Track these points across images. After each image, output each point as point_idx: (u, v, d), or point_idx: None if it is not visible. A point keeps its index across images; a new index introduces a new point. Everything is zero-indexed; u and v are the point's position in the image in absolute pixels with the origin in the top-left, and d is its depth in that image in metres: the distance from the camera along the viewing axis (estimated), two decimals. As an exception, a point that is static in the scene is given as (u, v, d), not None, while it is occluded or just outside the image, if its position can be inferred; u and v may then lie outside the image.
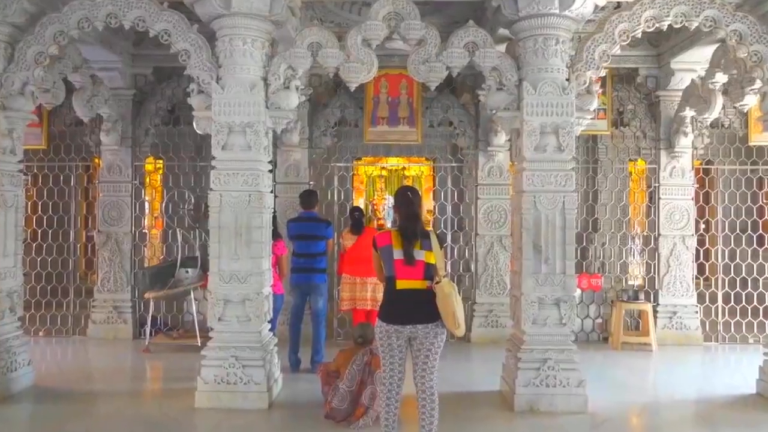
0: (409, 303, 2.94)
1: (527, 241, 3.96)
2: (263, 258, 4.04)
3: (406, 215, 3.02)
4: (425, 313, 2.91)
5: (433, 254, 2.95)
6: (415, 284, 2.94)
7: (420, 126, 6.39)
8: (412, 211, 3.01)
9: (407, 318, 2.93)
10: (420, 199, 3.09)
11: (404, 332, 2.94)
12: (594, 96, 4.11)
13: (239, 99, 3.94)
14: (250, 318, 3.96)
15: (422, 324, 2.92)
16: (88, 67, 5.56)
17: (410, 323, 2.92)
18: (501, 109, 4.12)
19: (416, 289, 2.93)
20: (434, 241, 2.98)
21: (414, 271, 2.95)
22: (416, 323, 2.92)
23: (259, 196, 3.99)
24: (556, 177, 3.96)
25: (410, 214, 3.01)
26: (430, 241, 2.97)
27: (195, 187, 6.85)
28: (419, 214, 3.02)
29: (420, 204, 3.07)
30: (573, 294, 3.96)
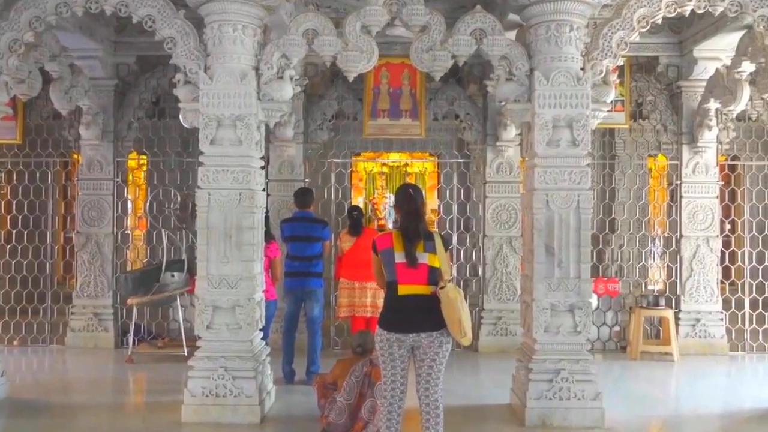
0: (411, 310, 2.94)
1: (539, 243, 3.96)
2: (255, 261, 4.04)
3: (407, 214, 3.01)
4: (429, 321, 2.91)
5: (437, 257, 2.94)
6: (418, 289, 2.94)
7: (423, 119, 6.39)
8: (414, 209, 3.00)
9: (410, 326, 2.93)
10: (423, 198, 3.09)
11: (407, 341, 2.94)
12: (611, 87, 4.10)
13: (229, 90, 3.94)
14: (240, 326, 3.96)
15: (426, 332, 2.91)
16: (66, 56, 5.56)
17: (413, 331, 2.92)
18: (511, 101, 4.11)
19: (419, 295, 2.93)
20: (438, 243, 2.97)
21: (417, 275, 2.95)
22: (419, 331, 2.91)
23: (250, 194, 3.99)
24: (570, 174, 3.96)
25: (411, 213, 3.00)
26: (434, 243, 2.96)
27: (181, 184, 6.86)
28: (422, 212, 3.02)
29: (423, 202, 3.06)
30: (588, 300, 3.96)
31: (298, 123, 6.22)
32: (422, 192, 3.14)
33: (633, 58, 6.22)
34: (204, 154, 4.01)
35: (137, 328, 6.02)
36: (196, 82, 4.02)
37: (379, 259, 3.03)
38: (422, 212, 3.02)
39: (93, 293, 6.23)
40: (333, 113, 6.61)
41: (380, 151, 8.67)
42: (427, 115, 6.51)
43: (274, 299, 4.98)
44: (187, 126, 4.27)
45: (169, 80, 6.05)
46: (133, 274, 6.01)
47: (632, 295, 6.46)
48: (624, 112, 6.35)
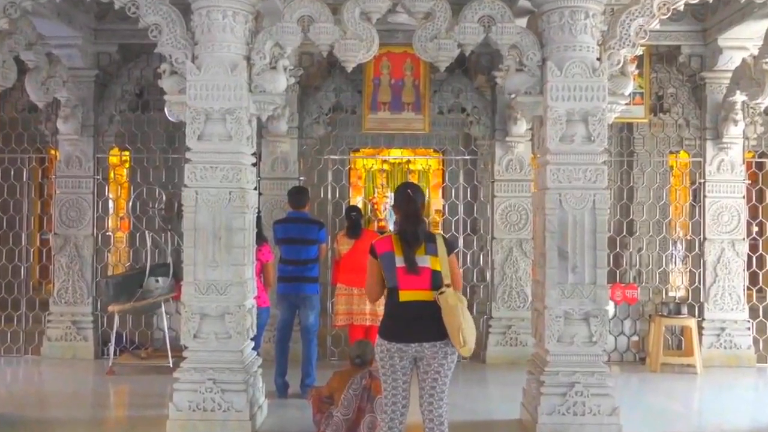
0: (414, 317, 2.94)
1: (551, 246, 3.96)
2: (246, 265, 4.04)
3: (406, 216, 3.01)
4: (433, 330, 2.91)
5: (439, 259, 2.94)
6: (420, 295, 2.94)
7: (427, 112, 6.40)
8: (413, 210, 3.01)
9: (412, 335, 2.93)
10: (423, 197, 3.10)
11: (408, 352, 2.94)
12: (629, 78, 4.11)
13: (218, 81, 3.95)
14: (230, 335, 3.97)
15: (429, 342, 2.91)
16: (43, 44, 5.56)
17: (415, 341, 2.92)
18: (521, 94, 4.12)
19: (422, 302, 2.93)
20: (440, 245, 2.98)
21: (419, 281, 2.95)
22: (422, 341, 2.92)
23: (241, 193, 4.00)
24: (585, 172, 3.96)
25: (411, 215, 3.00)
26: (435, 245, 2.97)
27: (167, 183, 6.87)
28: (421, 213, 3.03)
29: (423, 202, 3.07)
30: (605, 307, 3.96)
31: (292, 117, 6.23)
32: (423, 192, 3.15)
33: (653, 48, 6.22)
34: (191, 150, 4.01)
35: (119, 338, 6.02)
36: (182, 73, 4.02)
37: (378, 264, 3.03)
38: (421, 213, 3.03)
39: (71, 300, 6.23)
40: (330, 106, 6.62)
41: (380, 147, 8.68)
42: (431, 109, 6.51)
43: (266, 306, 4.99)
44: (173, 120, 4.28)
45: (153, 71, 6.05)
46: (114, 279, 6.02)
47: (652, 302, 6.45)
48: (643, 106, 6.36)
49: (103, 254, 6.49)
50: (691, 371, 5.87)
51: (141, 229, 6.47)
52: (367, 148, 8.88)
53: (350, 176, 9.25)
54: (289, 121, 6.18)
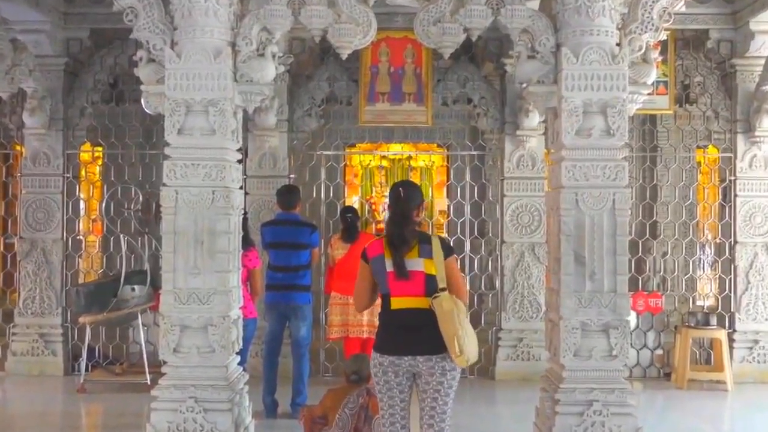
0: (407, 327, 2.93)
1: (567, 251, 3.96)
2: (230, 272, 4.04)
3: (392, 215, 3.03)
4: (428, 341, 2.89)
5: (433, 262, 2.92)
6: (413, 302, 2.93)
7: (430, 104, 6.41)
8: (399, 210, 3.01)
9: (405, 347, 2.92)
10: (420, 197, 3.09)
11: (402, 366, 2.92)
12: (652, 65, 4.11)
13: (200, 69, 3.94)
14: (213, 349, 3.96)
15: (424, 355, 2.89)
16: (7, 29, 5.57)
17: (408, 354, 2.91)
18: (533, 83, 4.11)
19: (416, 309, 2.92)
20: (436, 247, 2.96)
21: (411, 286, 2.94)
22: (415, 354, 2.90)
23: (225, 193, 4.00)
24: (603, 169, 3.96)
25: (396, 214, 3.01)
26: (430, 247, 2.95)
27: (144, 181, 6.87)
28: (409, 213, 3.01)
29: (419, 203, 3.06)
30: (626, 318, 3.96)
31: (281, 109, 6.24)
32: (420, 191, 3.16)
33: (678, 32, 6.24)
34: (170, 146, 4.01)
35: (91, 352, 6.02)
36: (160, 61, 4.02)
37: (370, 269, 3.03)
38: (410, 213, 3.01)
39: (38, 310, 6.22)
40: (323, 97, 6.63)
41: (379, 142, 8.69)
42: (435, 100, 6.52)
43: (253, 317, 4.99)
44: (151, 112, 4.27)
45: (128, 58, 6.05)
46: (86, 287, 6.01)
47: (678, 312, 6.46)
48: (668, 96, 6.37)
49: (73, 260, 6.48)
50: (721, 388, 5.87)
51: (115, 232, 6.47)
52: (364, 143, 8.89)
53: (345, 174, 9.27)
54: (278, 113, 6.19)
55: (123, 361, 6.27)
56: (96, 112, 6.63)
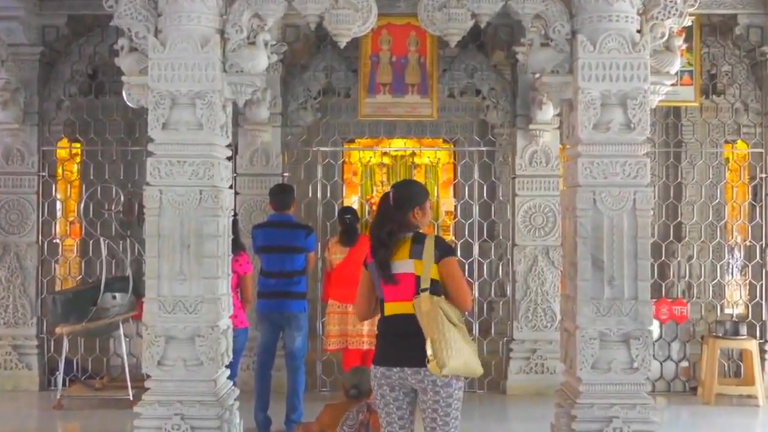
0: (396, 334, 2.93)
1: (584, 255, 3.96)
2: (219, 278, 4.05)
3: (376, 216, 3.08)
4: (414, 350, 2.84)
5: (422, 264, 2.92)
6: (404, 307, 2.92)
7: (435, 96, 6.40)
8: (381, 210, 3.05)
9: (393, 357, 2.91)
10: (416, 196, 3.08)
11: (393, 378, 2.91)
12: (676, 54, 4.11)
13: (186, 59, 3.95)
14: (201, 361, 3.96)
15: (412, 368, 2.86)
16: (-23, 16, 5.58)
17: (397, 365, 2.90)
18: (547, 73, 4.12)
19: (406, 315, 2.90)
20: (428, 246, 2.94)
21: (401, 290, 2.94)
22: (404, 365, 2.88)
23: (213, 192, 4.00)
24: (623, 166, 3.97)
25: (378, 215, 3.05)
26: (422, 247, 2.95)
27: (125, 180, 6.88)
28: (390, 212, 3.02)
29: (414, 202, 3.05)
30: (648, 327, 3.96)
31: (274, 101, 6.24)
32: (415, 189, 3.16)
33: (704, 17, 6.22)
34: (154, 142, 4.02)
35: (69, 365, 6.02)
36: (143, 50, 4.03)
37: (369, 275, 3.06)
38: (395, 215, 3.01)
39: (11, 320, 6.22)
40: (319, 89, 6.63)
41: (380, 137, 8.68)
42: (440, 91, 6.52)
43: (244, 327, 4.99)
44: (133, 105, 4.28)
45: (109, 47, 6.06)
46: (63, 295, 6.01)
47: (704, 321, 6.44)
48: (693, 87, 6.36)
49: (49, 266, 6.49)
50: (752, 403, 5.86)
51: (95, 235, 6.46)
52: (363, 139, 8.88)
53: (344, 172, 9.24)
54: (271, 106, 6.19)
55: (103, 374, 6.27)
56: (74, 105, 6.63)
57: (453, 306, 2.92)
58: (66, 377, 5.89)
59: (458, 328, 2.88)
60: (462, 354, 2.82)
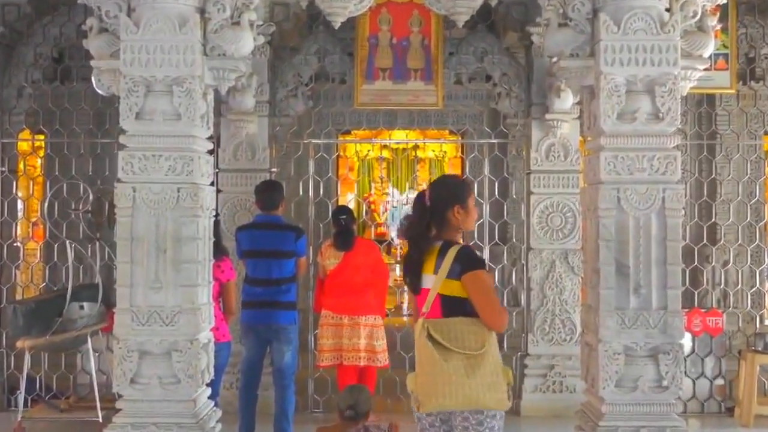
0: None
1: (607, 259, 3.96)
2: (199, 286, 4.05)
3: (412, 217, 3.10)
4: None
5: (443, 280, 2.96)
6: None
7: (441, 82, 6.41)
8: (415, 210, 3.08)
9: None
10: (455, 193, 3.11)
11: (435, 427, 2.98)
12: (709, 35, 4.11)
13: (162, 41, 3.95)
14: (179, 379, 3.96)
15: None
16: (-72, -7, 5.58)
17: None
18: (566, 56, 4.12)
19: None
20: (447, 258, 2.97)
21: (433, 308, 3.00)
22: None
23: (193, 190, 4.00)
24: (651, 160, 3.97)
25: (413, 216, 3.08)
26: (444, 258, 2.98)
27: (95, 176, 6.87)
28: (426, 214, 3.05)
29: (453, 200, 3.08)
30: (679, 341, 3.96)
31: (261, 88, 6.24)
32: (456, 184, 3.20)
33: (741, -6, 6.24)
34: (127, 134, 4.02)
35: (31, 383, 6.01)
36: (115, 31, 4.03)
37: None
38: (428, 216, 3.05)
39: (-32, 333, 6.22)
40: (311, 74, 6.63)
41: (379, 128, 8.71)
42: (447, 77, 6.53)
43: (227, 341, 4.98)
44: (103, 93, 4.28)
45: (76, 27, 6.06)
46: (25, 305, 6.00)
47: (742, 333, 6.45)
48: (728, 72, 6.36)
49: (9, 271, 6.49)
50: (795, 425, 5.86)
51: (60, 238, 6.46)
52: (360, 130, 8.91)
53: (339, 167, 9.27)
54: (257, 93, 6.19)
55: (69, 394, 6.26)
56: (37, 92, 6.63)
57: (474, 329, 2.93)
58: (28, 397, 5.87)
59: (465, 357, 2.88)
60: (461, 389, 2.84)
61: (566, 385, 6.16)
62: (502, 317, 2.98)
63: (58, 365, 6.41)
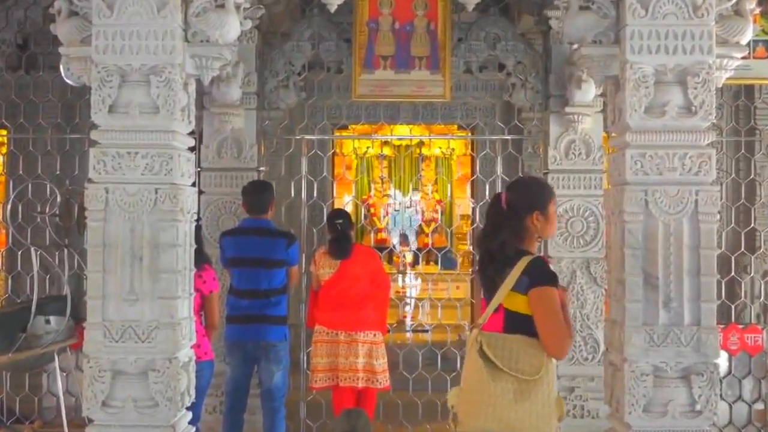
0: None
1: (634, 269, 3.96)
2: (179, 298, 4.05)
3: (485, 223, 3.21)
4: None
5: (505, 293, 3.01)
6: None
7: (448, 71, 6.41)
8: (491, 215, 3.18)
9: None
10: (537, 194, 3.18)
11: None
12: (748, 20, 4.12)
13: (139, 26, 3.96)
14: (156, 402, 3.96)
15: None
16: None
17: None
18: (588, 43, 4.13)
19: None
20: (515, 270, 3.01)
21: (493, 320, 3.07)
22: None
23: (172, 191, 4.01)
24: (682, 159, 3.97)
25: (488, 222, 3.18)
26: (513, 268, 3.02)
27: (63, 176, 6.88)
28: (503, 219, 3.12)
29: (535, 204, 3.13)
30: (714, 360, 3.96)
31: (248, 78, 6.25)
32: (536, 187, 3.25)
33: (783, -26, 6.24)
34: (99, 128, 4.02)
35: (-9, 406, 6.01)
36: (86, 14, 4.04)
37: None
38: (505, 222, 3.11)
39: None
40: (304, 63, 6.63)
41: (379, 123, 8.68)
42: (455, 66, 6.52)
43: (209, 359, 4.99)
44: (73, 83, 4.29)
45: (43, 11, 6.07)
46: (-15, 319, 6.02)
47: (784, 352, 6.44)
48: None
49: (-32, 282, 6.49)
50: (844, 455, 5.85)
51: (25, 244, 6.47)
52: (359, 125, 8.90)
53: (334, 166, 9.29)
54: (244, 84, 6.19)
55: (34, 418, 6.27)
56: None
57: (532, 351, 2.96)
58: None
59: (516, 380, 2.90)
60: (505, 413, 2.87)
61: (588, 409, 6.15)
62: (564, 343, 2.98)
63: (22, 386, 6.41)
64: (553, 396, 2.97)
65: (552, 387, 2.98)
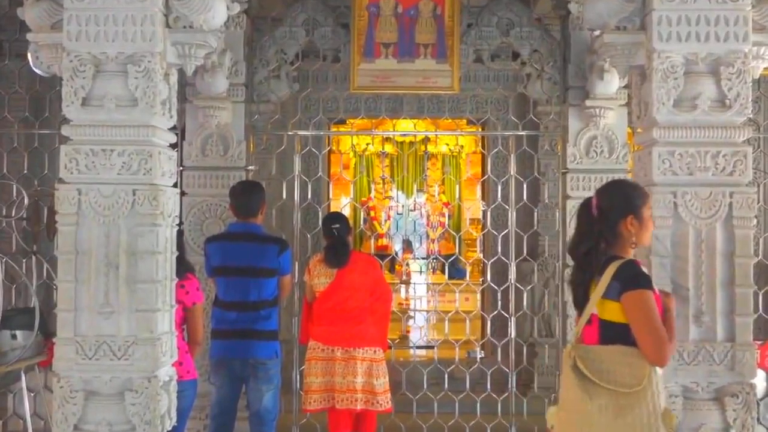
0: None
1: (662, 280, 3.95)
2: (159, 311, 4.05)
3: (577, 231, 3.27)
4: None
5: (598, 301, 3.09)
6: None
7: (457, 60, 6.41)
8: (580, 221, 3.26)
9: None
10: (630, 197, 3.23)
11: None
12: (787, 4, 4.12)
13: (116, 10, 3.96)
14: (133, 425, 3.97)
15: None
16: None
17: None
18: (611, 29, 4.13)
19: None
20: (605, 275, 3.07)
21: (588, 331, 3.16)
22: None
23: (151, 193, 4.01)
24: (715, 157, 3.97)
25: (578, 228, 3.26)
26: (603, 275, 3.09)
27: (31, 175, 6.89)
28: (592, 225, 3.20)
29: (628, 207, 3.20)
30: (750, 380, 3.96)
31: (236, 68, 6.25)
32: (628, 190, 3.30)
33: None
34: (71, 123, 4.03)
35: (-49, 430, 6.02)
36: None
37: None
38: (595, 227, 3.19)
39: None
40: (298, 51, 6.64)
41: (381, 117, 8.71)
42: (464, 54, 6.53)
43: (192, 378, 4.99)
44: (42, 73, 4.29)
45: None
46: (-56, 333, 6.02)
47: (828, 371, 6.43)
48: (811, 49, 6.37)
49: (-74, 293, 6.49)
50: None
51: (-12, 251, 6.47)
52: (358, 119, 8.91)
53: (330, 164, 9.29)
54: (232, 74, 6.19)
55: (-1, 443, 6.27)
56: (-39, 72, 6.67)
57: (631, 361, 3.00)
58: (-52, 447, 5.89)
59: (615, 395, 2.95)
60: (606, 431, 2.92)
61: None
62: (664, 348, 3.02)
63: (-14, 407, 6.42)
64: (659, 408, 3.00)
65: (657, 399, 3.01)
